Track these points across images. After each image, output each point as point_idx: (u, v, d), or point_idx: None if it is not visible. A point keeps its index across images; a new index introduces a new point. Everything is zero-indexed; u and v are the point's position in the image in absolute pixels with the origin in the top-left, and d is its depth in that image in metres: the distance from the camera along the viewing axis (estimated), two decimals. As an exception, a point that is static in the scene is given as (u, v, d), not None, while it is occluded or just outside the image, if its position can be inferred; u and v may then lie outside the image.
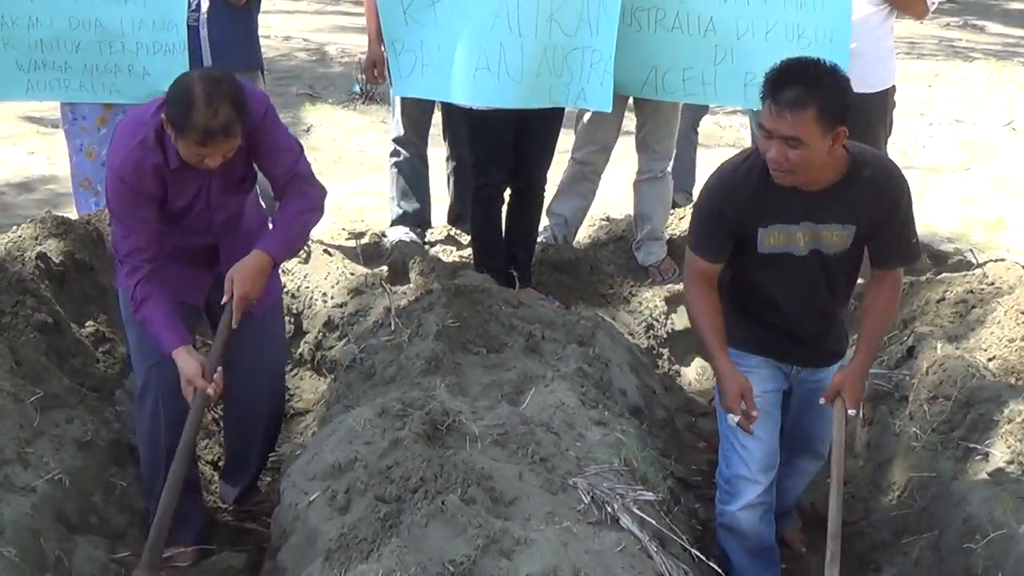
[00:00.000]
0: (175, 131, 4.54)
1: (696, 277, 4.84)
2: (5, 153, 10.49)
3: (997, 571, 4.38)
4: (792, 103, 4.31)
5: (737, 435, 4.85)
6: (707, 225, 4.78)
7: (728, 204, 4.68)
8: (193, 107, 4.45)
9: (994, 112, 13.21)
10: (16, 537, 4.36)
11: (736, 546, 5.02)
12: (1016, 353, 5.69)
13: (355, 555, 3.87)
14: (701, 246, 4.80)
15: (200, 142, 4.51)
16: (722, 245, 4.76)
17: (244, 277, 4.83)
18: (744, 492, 4.91)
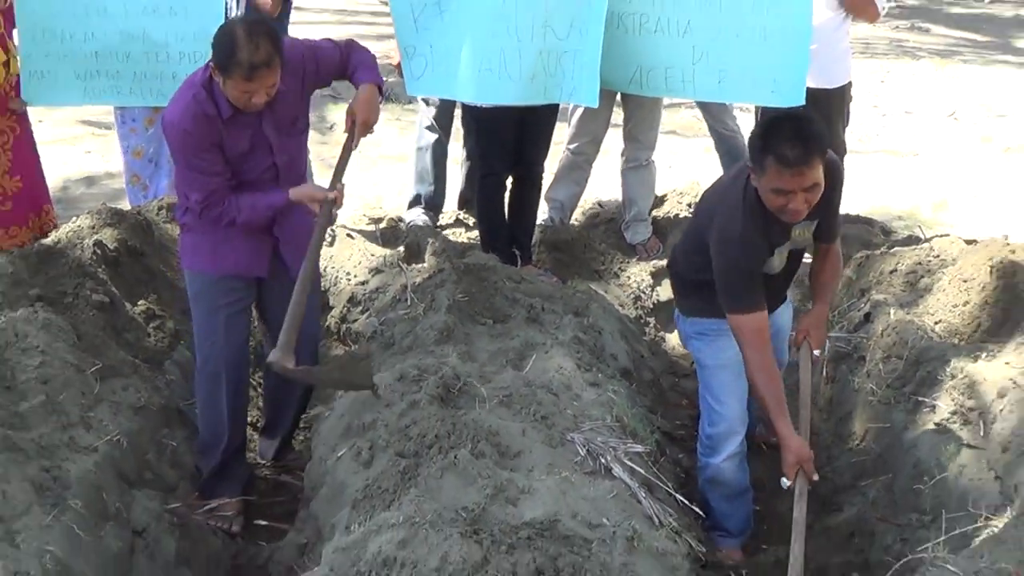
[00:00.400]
0: (223, 73, 4.56)
1: (758, 336, 4.59)
2: (66, 153, 10.46)
3: (941, 508, 4.38)
4: (806, 159, 4.27)
5: (716, 395, 4.92)
6: (750, 279, 4.59)
7: (756, 250, 4.59)
8: (237, 46, 4.47)
9: (939, 104, 13.18)
10: (82, 491, 4.37)
11: (717, 494, 5.04)
12: (959, 317, 5.68)
13: (378, 504, 3.88)
14: (751, 302, 4.57)
15: (247, 77, 4.51)
16: (760, 288, 4.64)
17: (363, 106, 4.96)
18: (726, 445, 4.94)
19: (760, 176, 4.39)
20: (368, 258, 7.03)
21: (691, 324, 5.06)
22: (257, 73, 4.52)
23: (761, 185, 4.41)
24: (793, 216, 4.45)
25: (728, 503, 5.04)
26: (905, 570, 3.81)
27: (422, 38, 6.61)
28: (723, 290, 4.65)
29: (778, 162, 4.27)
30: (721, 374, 4.98)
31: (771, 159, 4.28)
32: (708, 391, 4.99)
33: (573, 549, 3.39)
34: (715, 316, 4.80)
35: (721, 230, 4.60)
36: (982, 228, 7.77)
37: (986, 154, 11.09)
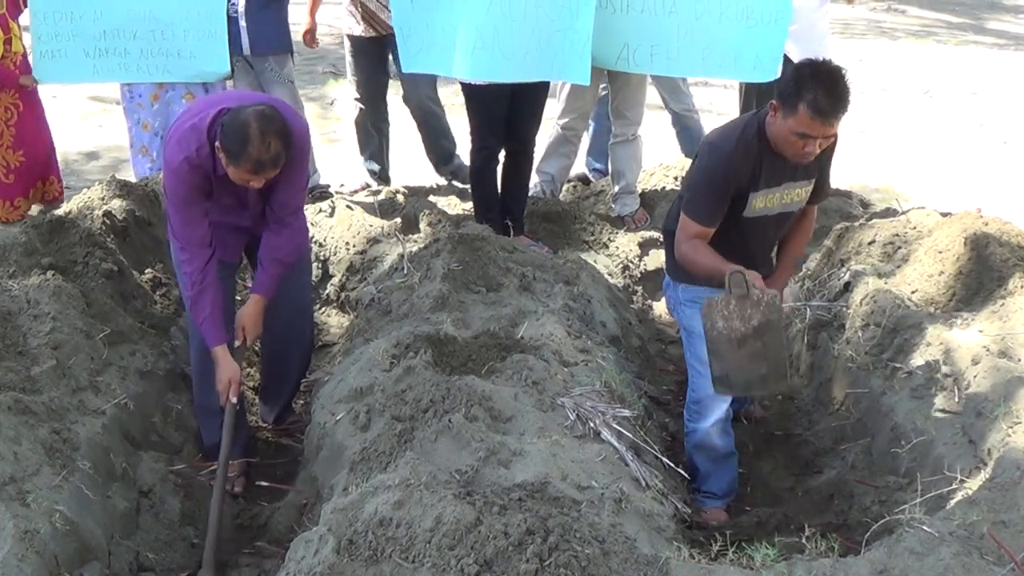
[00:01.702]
0: (229, 160, 4.46)
1: (694, 239, 4.56)
2: (77, 127, 10.41)
3: (918, 470, 4.37)
4: (836, 112, 4.27)
5: (702, 360, 4.78)
6: (715, 193, 4.53)
7: (735, 174, 4.50)
8: (248, 141, 4.36)
9: (914, 82, 13.15)
10: (90, 452, 4.37)
11: (704, 458, 4.99)
12: (935, 286, 5.64)
13: (375, 466, 3.86)
14: (704, 213, 4.54)
15: (252, 172, 4.45)
16: (722, 211, 4.57)
17: (252, 322, 4.96)
18: (713, 411, 4.88)
19: (787, 117, 4.31)
20: (366, 228, 6.99)
21: (683, 291, 4.93)
22: (263, 170, 4.47)
23: (785, 125, 4.34)
24: (803, 158, 4.40)
25: (714, 466, 5.00)
26: (883, 531, 3.78)
27: (418, 17, 6.55)
28: (688, 191, 4.64)
29: (811, 108, 4.23)
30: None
31: (804, 105, 4.23)
32: (696, 358, 4.89)
33: (563, 510, 3.36)
34: (704, 285, 4.71)
35: (712, 142, 4.58)
36: (956, 201, 7.73)
37: (960, 130, 11.05)
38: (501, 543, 3.13)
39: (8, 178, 7.40)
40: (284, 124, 4.50)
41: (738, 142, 4.48)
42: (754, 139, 4.49)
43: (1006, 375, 4.33)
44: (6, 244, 5.50)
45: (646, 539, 3.48)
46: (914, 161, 9.84)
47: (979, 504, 3.52)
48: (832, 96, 4.24)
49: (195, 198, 4.72)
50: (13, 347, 4.71)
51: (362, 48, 7.70)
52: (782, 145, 4.41)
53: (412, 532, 3.22)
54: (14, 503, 3.79)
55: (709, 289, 4.63)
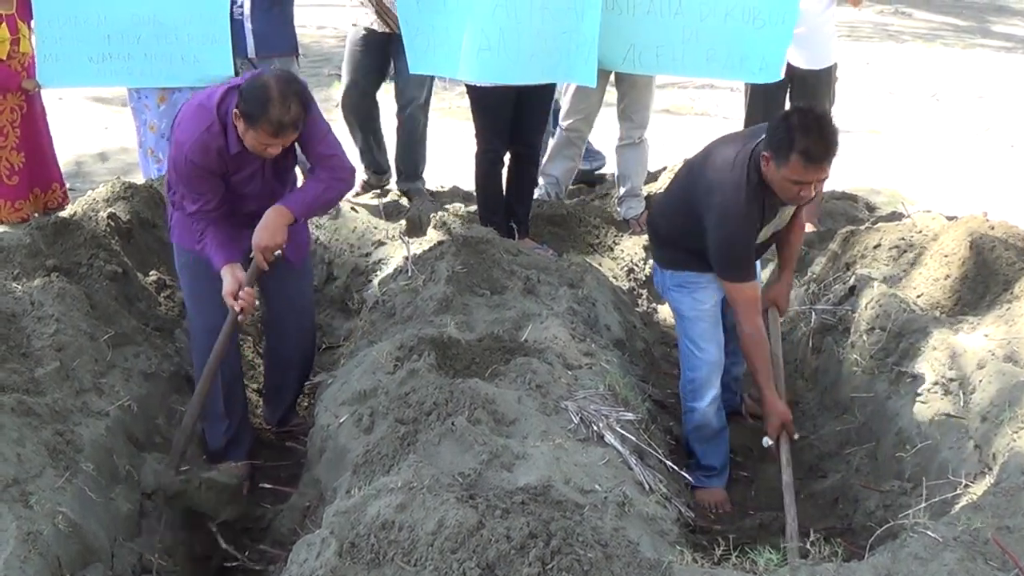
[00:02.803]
0: (249, 123, 4.47)
1: (753, 304, 4.79)
2: (83, 129, 10.42)
3: (923, 475, 4.36)
4: (828, 157, 4.42)
5: (696, 342, 5.07)
6: (747, 251, 4.74)
7: (753, 226, 4.69)
8: (270, 103, 4.40)
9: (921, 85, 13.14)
10: (93, 454, 4.37)
11: (702, 436, 5.17)
12: (940, 290, 5.65)
13: (378, 468, 3.85)
14: (746, 271, 4.76)
15: (273, 134, 4.46)
16: (754, 256, 4.81)
17: (260, 232, 4.74)
18: (708, 389, 5.09)
19: (781, 167, 4.45)
20: (371, 231, 7.00)
21: (671, 276, 5.13)
22: (284, 132, 4.49)
23: (780, 174, 4.48)
24: (801, 200, 4.62)
25: (711, 443, 5.17)
26: (887, 535, 3.77)
27: (424, 18, 6.55)
28: (723, 263, 4.77)
29: (803, 157, 4.37)
30: (700, 323, 5.09)
31: (796, 155, 4.37)
32: (688, 340, 5.13)
33: (566, 514, 3.36)
34: (694, 269, 4.95)
35: (724, 207, 4.65)
36: (963, 205, 7.73)
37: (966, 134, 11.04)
38: (503, 546, 3.12)
39: (11, 179, 7.42)
40: (303, 88, 4.57)
41: (747, 200, 4.62)
42: (757, 187, 4.62)
43: (1012, 379, 4.32)
44: (10, 246, 5.51)
45: (649, 543, 3.47)
46: (920, 165, 9.84)
47: (984, 509, 3.51)
48: (822, 143, 4.39)
49: (203, 176, 4.71)
50: (17, 349, 4.71)
51: (371, 43, 7.62)
52: (779, 192, 4.58)
53: (414, 535, 3.22)
54: (17, 505, 3.79)
55: (695, 273, 4.93)
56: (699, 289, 5.00)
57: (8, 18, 7.17)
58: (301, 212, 4.88)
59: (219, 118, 4.61)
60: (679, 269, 5.05)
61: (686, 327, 5.13)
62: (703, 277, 4.96)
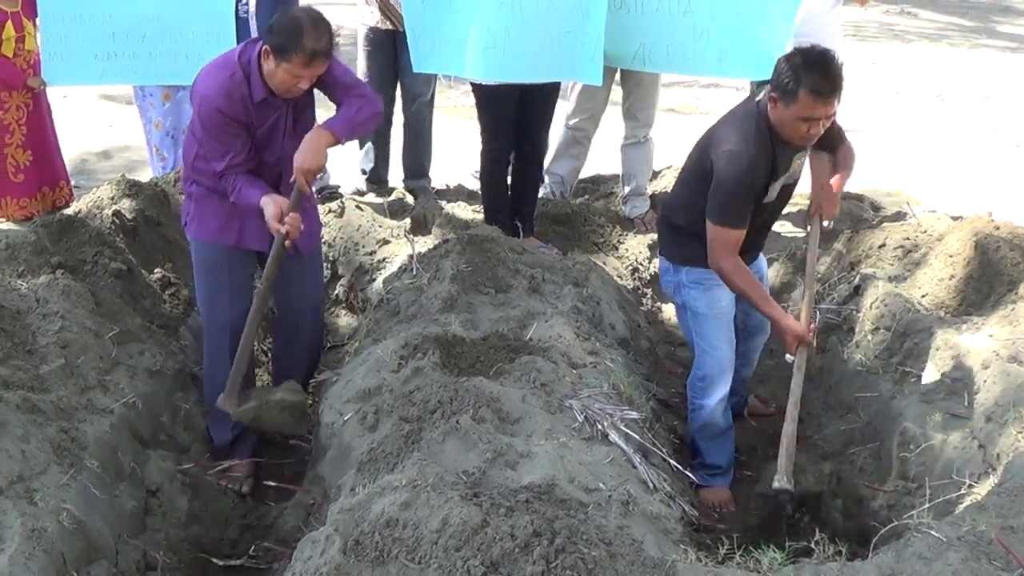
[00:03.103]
0: (281, 56, 4.53)
1: (732, 249, 4.77)
2: (88, 127, 10.43)
3: (927, 475, 4.36)
4: (835, 91, 4.52)
5: (709, 340, 5.07)
6: (745, 198, 4.72)
7: (757, 176, 4.69)
8: (303, 32, 4.47)
9: (926, 85, 13.13)
10: (98, 451, 4.38)
11: (708, 434, 5.17)
12: (945, 290, 5.64)
13: (382, 467, 3.86)
14: (737, 218, 4.73)
15: (306, 63, 4.53)
16: (750, 212, 4.77)
17: (300, 154, 4.71)
18: (718, 387, 5.09)
19: (789, 105, 4.52)
20: (376, 229, 6.99)
21: (687, 273, 5.08)
22: (316, 60, 4.54)
23: (788, 113, 4.54)
24: (810, 140, 4.67)
25: (716, 442, 5.19)
26: (891, 535, 3.78)
27: (429, 17, 6.55)
28: (716, 202, 4.75)
29: (811, 93, 4.45)
30: (714, 321, 5.09)
31: (805, 90, 4.45)
32: (701, 337, 5.12)
33: (570, 512, 3.36)
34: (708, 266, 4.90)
35: (731, 148, 4.68)
36: (968, 205, 7.72)
37: (972, 134, 11.03)
38: (508, 545, 3.13)
39: (17, 177, 7.43)
40: (327, 20, 4.63)
41: (755, 145, 4.65)
42: (765, 135, 4.66)
43: (1016, 380, 4.32)
44: (15, 243, 5.51)
45: (653, 541, 3.48)
46: (926, 165, 9.83)
47: (988, 509, 3.51)
48: (828, 77, 4.48)
49: (231, 125, 4.72)
50: (22, 346, 4.72)
51: (376, 41, 7.61)
52: (788, 132, 4.62)
53: (419, 533, 3.22)
54: (22, 501, 3.79)
55: (710, 272, 4.87)
56: (715, 287, 4.98)
57: (13, 15, 7.18)
58: (342, 131, 4.83)
59: (241, 67, 4.67)
60: (696, 265, 5.00)
61: (700, 325, 5.11)
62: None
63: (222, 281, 5.03)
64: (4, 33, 7.17)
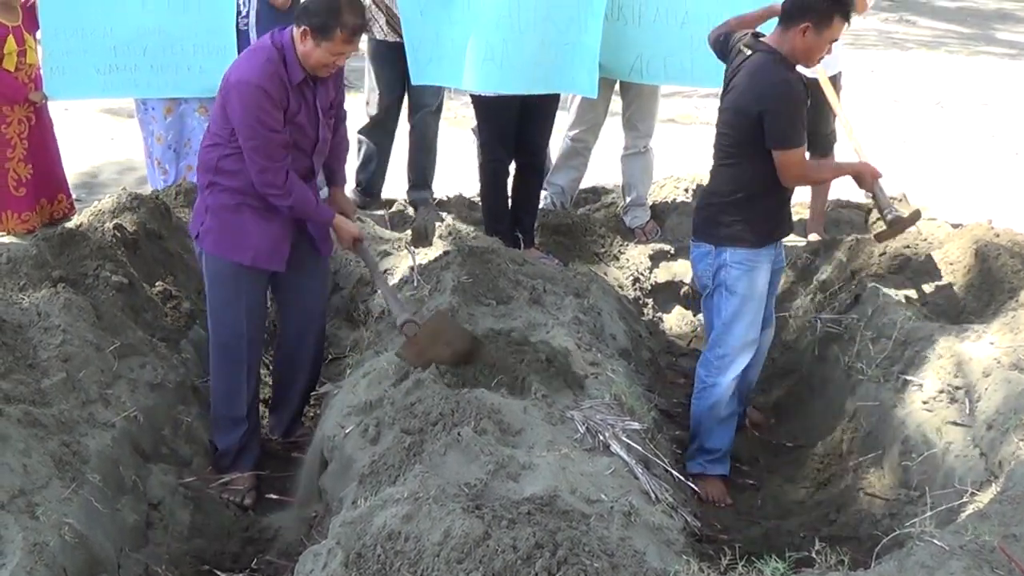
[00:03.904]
0: (322, 35, 4.61)
1: (803, 161, 5.15)
2: (90, 140, 10.44)
3: (928, 483, 4.37)
4: None
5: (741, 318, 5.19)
6: (802, 120, 5.00)
7: (803, 99, 5.02)
8: (343, 9, 4.58)
9: (925, 93, 13.14)
10: (100, 465, 4.37)
11: (713, 416, 5.25)
12: (945, 298, 5.65)
13: (384, 479, 3.85)
14: (801, 137, 5.01)
15: (348, 39, 4.64)
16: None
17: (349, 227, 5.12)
18: (736, 364, 5.22)
19: (824, 30, 4.89)
20: (376, 241, 6.98)
21: (732, 253, 5.16)
22: (358, 36, 4.67)
23: (821, 37, 4.91)
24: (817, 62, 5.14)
25: (720, 424, 5.27)
26: (893, 544, 3.76)
27: (428, 29, 6.57)
28: (784, 131, 4.99)
29: (844, 17, 4.92)
30: (751, 303, 5.20)
31: (839, 16, 4.89)
32: (732, 316, 5.20)
33: (572, 524, 3.35)
34: (755, 246, 5.12)
35: (775, 84, 4.98)
36: (968, 212, 7.72)
37: (971, 141, 11.03)
38: (510, 557, 3.12)
39: (19, 191, 7.44)
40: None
41: (795, 78, 5.02)
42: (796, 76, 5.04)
43: (1017, 387, 4.32)
44: (17, 257, 5.51)
45: (655, 553, 3.47)
46: (925, 172, 9.82)
47: (990, 517, 3.51)
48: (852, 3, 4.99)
49: (275, 104, 4.73)
50: (23, 360, 4.71)
51: (384, 54, 7.59)
52: (814, 55, 5.03)
53: (421, 546, 3.22)
54: (23, 516, 3.79)
55: (755, 251, 5.12)
56: (757, 268, 5.14)
57: (15, 29, 7.19)
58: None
59: (277, 50, 4.72)
60: (742, 246, 5.12)
61: (735, 305, 5.18)
62: (761, 254, 5.13)
63: (238, 296, 5.02)
64: (5, 47, 7.18)
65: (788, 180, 5.08)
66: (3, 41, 7.18)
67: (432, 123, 7.89)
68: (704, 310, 5.50)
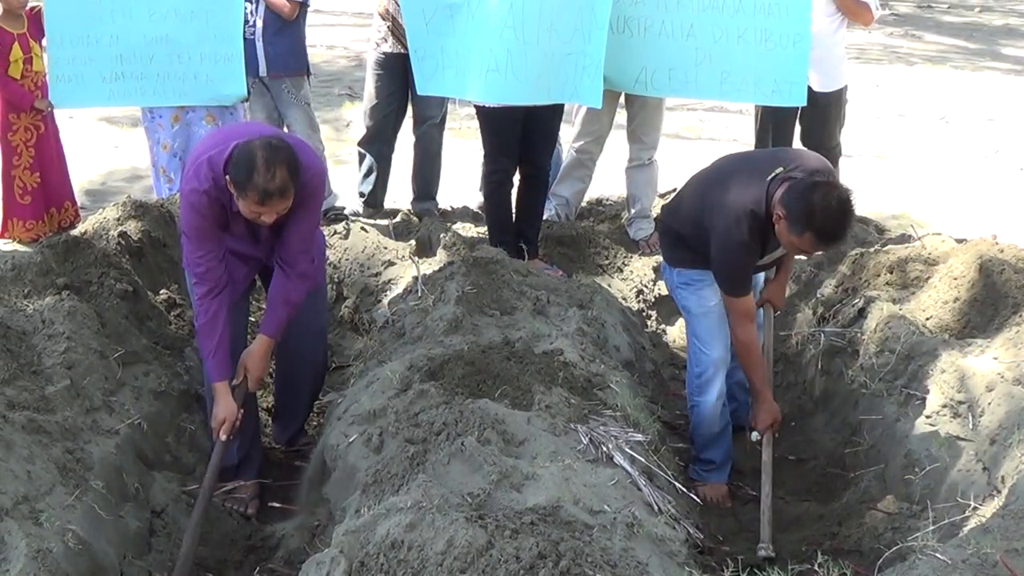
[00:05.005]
0: (237, 190, 4.48)
1: (749, 317, 5.04)
2: (94, 149, 10.46)
3: (931, 497, 4.38)
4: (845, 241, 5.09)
5: (702, 338, 5.28)
6: (744, 273, 4.96)
7: (751, 259, 4.92)
8: (255, 171, 4.39)
9: (930, 108, 13.15)
10: (103, 472, 4.39)
11: (706, 430, 5.33)
12: (949, 313, 5.65)
13: (387, 488, 3.86)
14: (743, 289, 4.97)
15: (259, 202, 4.45)
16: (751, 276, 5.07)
17: (256, 363, 4.95)
18: (714, 383, 5.27)
19: (792, 234, 4.65)
20: (381, 251, 7.01)
21: (678, 274, 5.31)
22: (270, 200, 4.46)
23: (788, 238, 4.69)
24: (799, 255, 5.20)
25: (715, 438, 5.35)
26: (896, 557, 3.78)
27: (433, 41, 6.58)
28: (722, 280, 5.02)
29: (818, 238, 4.61)
30: (705, 320, 5.26)
31: (812, 234, 4.59)
32: (695, 336, 5.32)
33: (575, 534, 3.37)
34: (699, 267, 5.13)
35: (728, 234, 4.84)
36: (972, 227, 7.73)
37: (976, 156, 11.04)
38: (513, 567, 3.13)
39: (24, 199, 7.48)
40: (291, 155, 4.50)
41: (750, 233, 4.79)
42: (763, 224, 4.79)
43: (1021, 402, 4.33)
44: (21, 264, 5.53)
45: (658, 564, 3.47)
46: (930, 187, 9.83)
47: (993, 532, 3.51)
48: (839, 230, 4.62)
49: (210, 231, 4.74)
50: (27, 366, 4.72)
51: (388, 65, 7.61)
52: (783, 244, 4.84)
53: (424, 555, 3.23)
54: (27, 522, 3.80)
55: (700, 272, 5.12)
56: (704, 287, 5.19)
57: (20, 37, 7.23)
58: (280, 333, 5.05)
59: (225, 174, 4.58)
60: (685, 267, 5.23)
61: (693, 324, 5.31)
62: (707, 275, 5.12)
63: None
64: (11, 55, 7.22)
65: (733, 328, 5.11)
66: (8, 49, 7.21)
67: (436, 135, 7.92)
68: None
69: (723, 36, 6.57)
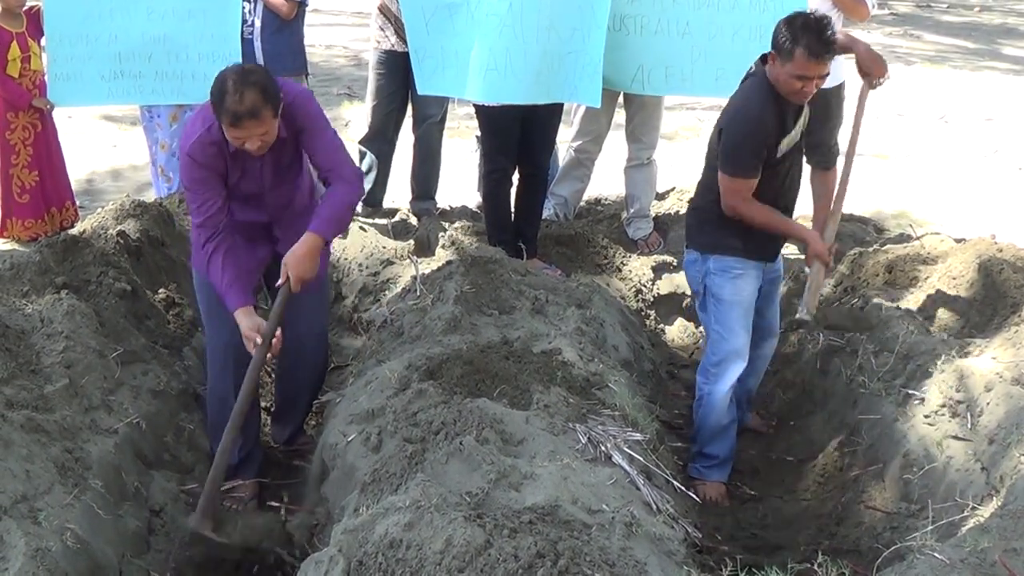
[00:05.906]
0: (216, 116, 4.56)
1: (747, 195, 5.05)
2: (93, 147, 10.46)
3: (930, 497, 4.38)
4: (828, 52, 4.85)
5: (728, 326, 5.25)
6: (750, 149, 5.00)
7: (764, 129, 4.98)
8: (225, 94, 4.45)
9: (929, 107, 13.15)
10: (102, 471, 4.40)
11: (713, 422, 5.32)
12: (948, 313, 5.66)
13: (386, 487, 3.86)
14: (749, 168, 5.01)
15: (231, 123, 4.49)
16: (761, 164, 5.03)
17: (298, 261, 4.76)
18: (730, 372, 5.27)
19: (786, 63, 4.86)
20: (379, 250, 7.02)
21: (715, 261, 5.27)
22: (241, 122, 4.48)
23: (784, 71, 4.88)
24: (802, 97, 4.98)
25: (720, 432, 5.35)
26: (894, 557, 3.78)
27: (433, 40, 6.59)
28: (729, 155, 5.07)
29: (806, 52, 4.79)
30: (736, 309, 5.26)
31: (801, 49, 4.80)
32: (720, 323, 5.29)
33: (573, 534, 3.37)
34: (739, 255, 5.21)
35: (739, 107, 5.08)
36: (971, 227, 7.73)
37: (975, 156, 11.04)
38: (511, 566, 3.13)
39: (22, 198, 7.48)
40: (264, 78, 4.56)
41: (758, 105, 4.99)
42: (770, 93, 4.99)
43: (1019, 402, 4.33)
44: (20, 263, 5.54)
45: (656, 563, 3.48)
46: (929, 187, 9.83)
47: (991, 531, 3.52)
48: (822, 40, 4.81)
49: (208, 179, 4.77)
50: (26, 366, 4.73)
51: (390, 63, 7.59)
52: (784, 88, 4.94)
53: (422, 554, 3.23)
54: (26, 521, 3.81)
55: (739, 260, 5.20)
56: (741, 277, 5.22)
57: (19, 36, 7.23)
58: (331, 234, 4.99)
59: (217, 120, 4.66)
60: (724, 254, 5.22)
61: (721, 312, 5.28)
62: (747, 264, 5.20)
63: (216, 310, 5.03)
64: (9, 53, 7.22)
65: (725, 206, 5.10)
66: (7, 47, 7.22)
67: (436, 134, 7.91)
68: (700, 316, 5.59)
69: (718, 33, 6.60)
